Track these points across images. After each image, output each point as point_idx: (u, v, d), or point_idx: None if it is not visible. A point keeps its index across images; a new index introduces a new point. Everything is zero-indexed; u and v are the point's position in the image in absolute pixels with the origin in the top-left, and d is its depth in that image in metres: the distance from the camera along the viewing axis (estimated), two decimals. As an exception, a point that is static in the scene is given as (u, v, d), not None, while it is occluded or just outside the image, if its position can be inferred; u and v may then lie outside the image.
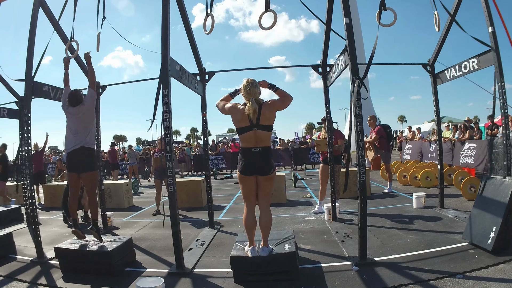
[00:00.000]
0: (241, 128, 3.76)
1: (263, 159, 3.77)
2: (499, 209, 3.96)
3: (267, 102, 3.80)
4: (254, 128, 3.70)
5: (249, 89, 3.75)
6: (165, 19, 4.12)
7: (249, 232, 3.86)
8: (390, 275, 3.58)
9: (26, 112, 4.68)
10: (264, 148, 3.77)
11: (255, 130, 3.70)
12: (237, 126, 3.81)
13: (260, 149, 3.75)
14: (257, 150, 3.75)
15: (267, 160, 3.80)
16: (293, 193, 9.42)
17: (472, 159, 10.34)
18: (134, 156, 15.48)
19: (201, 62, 5.90)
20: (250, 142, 3.75)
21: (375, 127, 8.80)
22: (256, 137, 3.73)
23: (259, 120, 3.69)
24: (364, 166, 4.01)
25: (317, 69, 5.95)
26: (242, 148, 3.87)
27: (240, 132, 3.79)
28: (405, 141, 16.21)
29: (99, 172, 4.53)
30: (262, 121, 3.71)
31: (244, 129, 3.74)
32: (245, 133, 3.74)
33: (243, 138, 3.79)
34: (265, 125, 3.73)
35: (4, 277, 4.15)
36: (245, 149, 3.80)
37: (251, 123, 3.70)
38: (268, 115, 3.74)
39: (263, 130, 3.73)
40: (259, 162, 3.77)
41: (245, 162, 3.80)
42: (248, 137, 3.74)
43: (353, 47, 4.09)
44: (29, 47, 4.66)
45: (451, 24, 5.47)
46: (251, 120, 3.68)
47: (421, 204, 6.52)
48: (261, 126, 3.71)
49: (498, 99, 4.73)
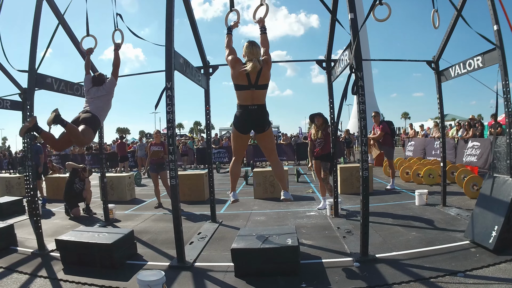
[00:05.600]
0: (239, 85, 3.85)
1: (259, 116, 3.91)
2: (501, 208, 3.94)
3: (264, 61, 3.87)
4: (252, 87, 3.81)
5: (251, 48, 3.86)
6: (170, 12, 4.08)
7: (233, 179, 4.29)
8: (391, 272, 3.57)
9: (29, 104, 4.67)
10: (260, 106, 3.89)
11: (253, 89, 3.81)
12: (235, 82, 3.90)
13: (257, 106, 3.87)
14: (254, 107, 3.87)
15: (263, 117, 3.95)
16: (295, 188, 9.40)
17: (475, 158, 10.29)
18: (143, 148, 15.45)
19: (205, 55, 5.88)
20: (247, 100, 3.86)
21: (380, 124, 8.75)
22: (253, 96, 3.84)
23: (258, 80, 3.80)
24: (367, 162, 3.99)
25: (321, 64, 5.91)
26: (239, 105, 3.95)
27: (237, 89, 3.88)
28: (407, 139, 16.14)
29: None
30: (261, 81, 3.82)
31: (242, 86, 3.84)
32: (243, 90, 3.85)
33: (240, 96, 3.89)
34: (263, 84, 3.85)
35: (5, 269, 4.17)
36: (242, 106, 3.91)
37: (249, 83, 3.80)
38: (267, 74, 3.86)
39: (261, 89, 3.85)
40: (255, 120, 3.92)
41: (241, 119, 3.94)
42: (245, 95, 3.86)
43: (358, 42, 4.05)
44: (32, 38, 4.65)
45: (457, 19, 5.41)
46: (250, 79, 3.78)
47: (424, 201, 6.50)
48: (259, 86, 3.82)
49: (502, 98, 4.69)
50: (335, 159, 6.13)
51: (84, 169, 7.43)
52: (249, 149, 17.70)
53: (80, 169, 7.36)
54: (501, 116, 11.53)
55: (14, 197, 8.20)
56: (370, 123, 7.77)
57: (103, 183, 6.49)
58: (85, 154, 19.21)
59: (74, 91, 5.68)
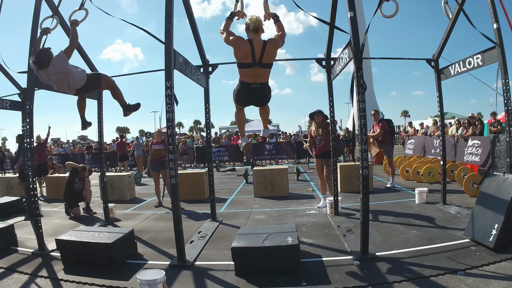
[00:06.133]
0: (243, 63, 3.83)
1: (260, 94, 3.96)
2: (502, 206, 3.94)
3: (270, 40, 3.85)
4: (256, 66, 3.78)
5: (258, 23, 3.82)
6: (169, 10, 4.06)
7: (240, 126, 4.60)
8: (391, 271, 3.58)
9: (28, 104, 4.67)
10: (262, 84, 3.91)
11: (256, 67, 3.79)
12: (238, 61, 3.87)
13: (259, 85, 3.88)
14: (256, 86, 3.87)
15: (265, 95, 4.01)
16: (295, 186, 9.42)
17: (476, 157, 10.28)
18: (141, 147, 15.42)
19: (204, 54, 5.87)
20: (249, 78, 3.86)
21: (379, 122, 8.74)
22: (256, 74, 3.83)
23: (262, 58, 3.76)
24: (367, 160, 3.99)
25: (321, 62, 5.89)
26: (241, 81, 3.95)
27: (240, 66, 3.87)
28: (407, 137, 16.13)
29: None
30: (265, 59, 3.78)
31: (246, 65, 3.81)
32: (246, 68, 3.83)
33: (242, 73, 3.89)
34: (267, 63, 3.83)
35: (5, 269, 4.17)
36: (244, 83, 3.91)
37: (253, 61, 3.76)
38: (272, 54, 3.83)
39: (265, 68, 3.84)
40: (256, 97, 3.99)
41: (240, 94, 3.98)
42: (248, 73, 3.85)
43: (357, 41, 4.05)
44: (32, 39, 4.63)
45: (458, 15, 5.40)
46: (254, 57, 3.74)
47: (424, 199, 6.51)
48: (263, 64, 3.79)
49: (502, 96, 4.69)
50: (336, 157, 6.14)
51: (84, 168, 7.43)
52: (249, 148, 17.69)
53: (80, 169, 7.35)
54: (501, 114, 11.55)
55: (14, 197, 8.18)
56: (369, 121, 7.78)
57: (103, 182, 6.49)
58: (85, 153, 19.21)
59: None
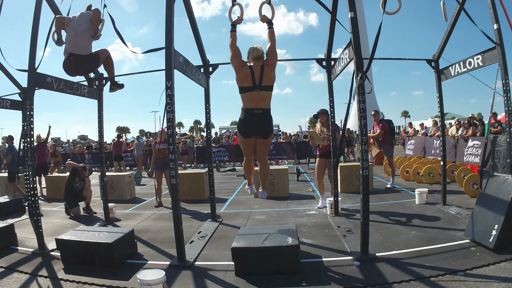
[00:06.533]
0: (244, 87, 3.93)
1: (263, 122, 4.00)
2: (502, 207, 3.94)
3: (266, 62, 3.98)
4: (256, 89, 3.88)
5: (260, 54, 3.99)
6: (169, 10, 4.06)
7: (248, 175, 4.64)
8: (391, 271, 3.58)
9: (29, 103, 4.67)
10: (265, 110, 3.97)
11: (257, 91, 3.89)
12: (239, 85, 3.97)
13: (262, 111, 3.94)
14: (259, 112, 3.94)
15: (268, 123, 4.05)
16: (295, 186, 9.42)
17: (476, 158, 10.26)
18: (140, 147, 15.40)
19: (205, 54, 5.87)
20: (252, 102, 3.92)
21: (379, 122, 8.74)
22: (258, 97, 3.92)
23: (262, 82, 3.88)
24: (367, 160, 3.99)
25: (321, 63, 5.89)
26: (244, 109, 4.00)
27: (242, 91, 3.96)
28: (407, 137, 16.12)
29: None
30: (265, 82, 3.90)
31: (247, 88, 3.91)
32: (247, 92, 3.92)
33: (244, 97, 3.96)
34: (267, 85, 3.93)
35: (5, 268, 4.16)
36: (247, 109, 3.97)
37: (254, 84, 3.87)
38: (270, 76, 3.94)
39: (266, 90, 3.93)
40: (260, 126, 4.01)
41: (246, 125, 4.03)
42: (250, 97, 3.92)
43: (358, 41, 4.05)
44: (32, 37, 4.64)
45: (459, 15, 5.40)
46: (254, 80, 3.86)
47: (424, 200, 6.51)
48: (263, 87, 3.90)
49: (502, 96, 4.69)
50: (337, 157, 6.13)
51: (84, 168, 7.43)
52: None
53: (80, 168, 7.35)
54: (501, 115, 11.53)
55: (14, 196, 8.19)
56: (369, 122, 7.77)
57: (103, 182, 6.49)
58: (85, 153, 19.20)
59: (74, 90, 5.65)
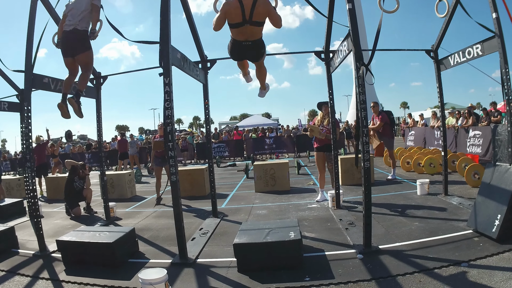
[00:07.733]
0: (234, 23, 3.78)
1: (252, 51, 3.94)
2: (504, 196, 3.91)
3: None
4: (246, 23, 3.73)
5: None
6: (165, 6, 4.01)
7: (243, 69, 4.56)
8: (395, 263, 3.56)
9: (26, 105, 4.61)
10: (254, 42, 3.87)
11: (247, 25, 3.74)
12: (229, 22, 3.81)
13: (251, 42, 3.85)
14: (248, 43, 3.84)
15: (258, 51, 3.97)
16: (296, 180, 9.40)
17: (478, 148, 10.23)
18: (135, 145, 15.36)
19: (202, 50, 5.82)
20: (241, 36, 3.83)
21: (379, 114, 8.70)
22: (247, 32, 3.79)
23: (252, 16, 3.69)
24: (368, 152, 3.96)
25: (320, 55, 5.83)
26: (232, 39, 3.92)
27: (232, 26, 3.82)
28: (407, 128, 16.09)
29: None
30: (255, 17, 3.71)
31: (236, 24, 3.77)
32: (237, 28, 3.79)
33: (234, 31, 3.85)
34: (258, 21, 3.76)
35: (7, 271, 4.14)
36: (235, 41, 3.88)
37: (243, 19, 3.71)
38: (261, 10, 3.70)
39: (256, 25, 3.78)
40: (249, 53, 3.98)
41: (233, 51, 3.98)
42: (238, 31, 3.81)
43: (356, 33, 4.00)
44: (28, 38, 4.58)
45: (455, 7, 5.34)
46: (244, 15, 3.69)
47: (425, 191, 6.49)
48: (253, 22, 3.73)
49: (502, 86, 4.65)
50: (336, 150, 6.10)
51: (83, 166, 7.37)
52: (249, 142, 17.70)
53: (79, 166, 7.30)
54: (500, 104, 11.49)
55: (14, 198, 8.12)
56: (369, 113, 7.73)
57: (103, 181, 6.46)
58: (85, 152, 19.16)
59: (72, 90, 5.60)
